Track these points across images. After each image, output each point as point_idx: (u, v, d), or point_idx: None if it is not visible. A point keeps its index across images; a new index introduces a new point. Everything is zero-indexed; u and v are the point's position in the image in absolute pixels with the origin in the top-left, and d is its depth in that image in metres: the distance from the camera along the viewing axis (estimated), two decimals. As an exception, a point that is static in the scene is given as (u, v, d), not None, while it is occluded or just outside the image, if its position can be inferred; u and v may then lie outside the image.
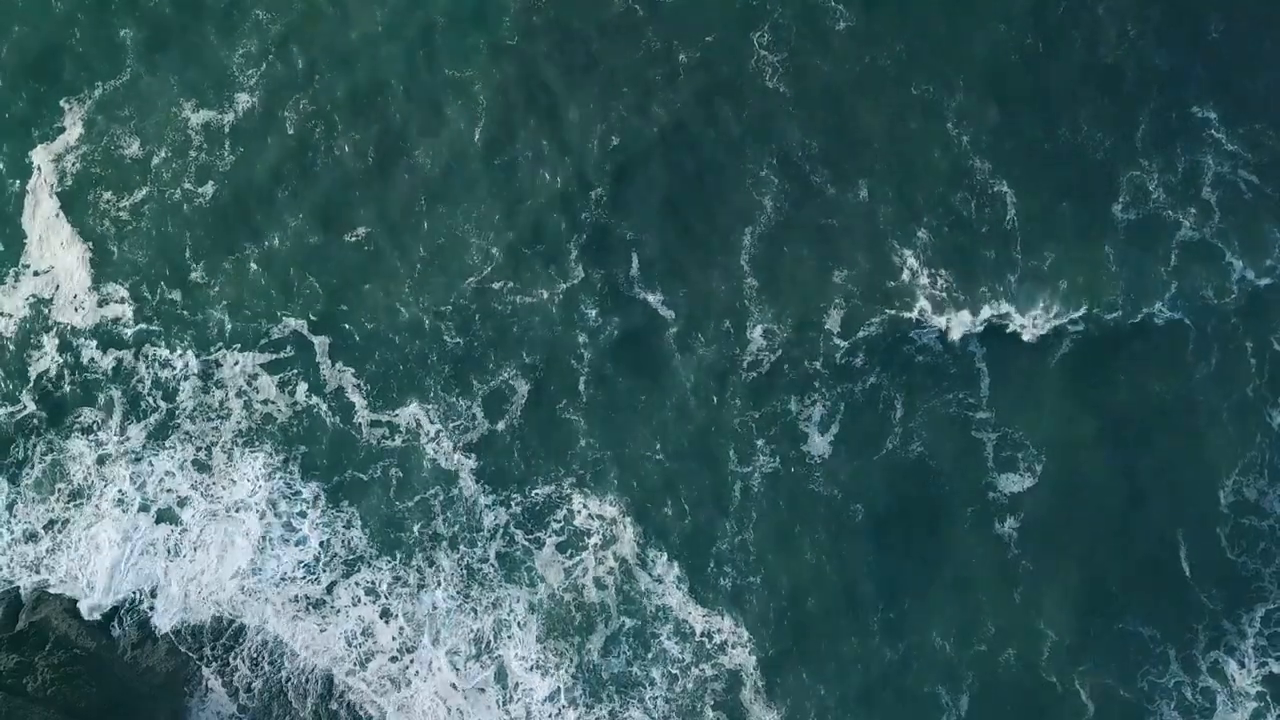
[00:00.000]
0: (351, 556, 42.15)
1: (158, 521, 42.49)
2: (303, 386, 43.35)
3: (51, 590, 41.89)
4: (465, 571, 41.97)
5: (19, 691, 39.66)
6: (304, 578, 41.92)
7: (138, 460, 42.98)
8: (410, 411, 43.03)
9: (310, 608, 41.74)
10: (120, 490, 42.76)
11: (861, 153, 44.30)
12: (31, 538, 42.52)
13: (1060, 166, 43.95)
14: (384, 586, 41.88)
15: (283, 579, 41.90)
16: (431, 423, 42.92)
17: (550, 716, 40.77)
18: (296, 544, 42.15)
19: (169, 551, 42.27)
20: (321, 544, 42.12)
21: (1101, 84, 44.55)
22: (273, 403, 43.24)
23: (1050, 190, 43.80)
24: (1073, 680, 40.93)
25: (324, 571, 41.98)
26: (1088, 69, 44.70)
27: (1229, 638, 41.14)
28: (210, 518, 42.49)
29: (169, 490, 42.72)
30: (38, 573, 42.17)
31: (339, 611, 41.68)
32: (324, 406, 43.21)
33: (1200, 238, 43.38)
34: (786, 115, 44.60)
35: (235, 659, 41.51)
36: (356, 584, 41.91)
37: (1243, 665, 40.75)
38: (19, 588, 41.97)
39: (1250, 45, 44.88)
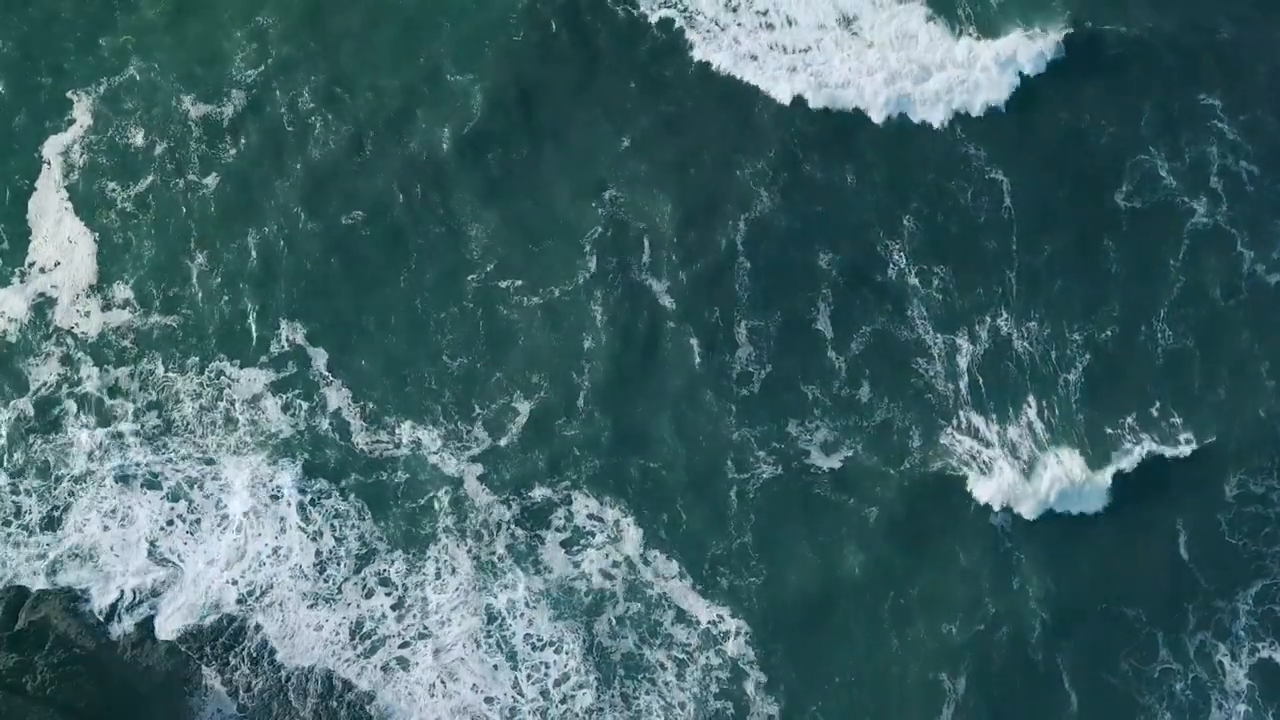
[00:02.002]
0: (363, 550, 42.10)
1: (163, 506, 42.40)
2: (305, 387, 43.37)
3: (53, 584, 41.64)
4: (475, 562, 41.90)
5: (19, 691, 39.34)
6: (314, 570, 41.87)
7: (140, 453, 42.93)
8: (410, 420, 43.07)
9: (319, 600, 41.66)
10: (122, 482, 42.60)
11: (861, 145, 44.75)
12: (31, 532, 42.27)
13: (1059, 157, 44.36)
14: (395, 576, 41.79)
15: (292, 571, 41.84)
16: (430, 431, 42.91)
17: (564, 697, 40.82)
18: (310, 538, 42.11)
19: (172, 546, 42.11)
20: (337, 538, 42.12)
21: (1102, 76, 45.16)
22: (276, 404, 43.23)
23: (1050, 180, 44.24)
24: (1058, 662, 41.07)
25: (334, 564, 41.96)
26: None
27: (1221, 616, 41.31)
28: (214, 512, 42.44)
29: (171, 484, 42.60)
30: (41, 564, 41.90)
31: (349, 605, 41.60)
32: (326, 406, 43.20)
33: (1207, 229, 43.60)
34: (789, 108, 45.02)
35: (235, 659, 41.27)
36: (368, 575, 41.86)
37: (1234, 657, 41.00)
38: (20, 584, 41.62)
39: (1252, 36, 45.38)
